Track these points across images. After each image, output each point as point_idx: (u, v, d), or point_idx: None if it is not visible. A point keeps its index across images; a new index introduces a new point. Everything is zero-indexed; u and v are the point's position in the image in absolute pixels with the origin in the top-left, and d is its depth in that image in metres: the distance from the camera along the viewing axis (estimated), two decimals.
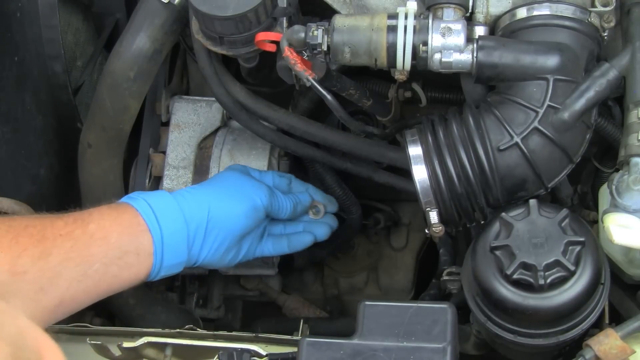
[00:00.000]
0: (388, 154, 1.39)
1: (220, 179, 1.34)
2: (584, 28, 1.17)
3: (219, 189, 1.29)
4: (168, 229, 1.18)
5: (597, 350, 1.08)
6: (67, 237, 1.09)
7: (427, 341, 1.06)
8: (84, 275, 1.09)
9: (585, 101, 1.14)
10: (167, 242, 1.18)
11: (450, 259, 1.49)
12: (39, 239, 1.07)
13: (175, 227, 1.19)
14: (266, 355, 1.16)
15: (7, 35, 1.42)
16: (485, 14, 1.22)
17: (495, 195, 1.17)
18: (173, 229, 1.19)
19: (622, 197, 1.08)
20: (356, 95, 1.36)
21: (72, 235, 1.10)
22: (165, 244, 1.18)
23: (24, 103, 1.47)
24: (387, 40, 1.15)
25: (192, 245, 1.22)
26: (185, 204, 1.22)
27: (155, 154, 1.51)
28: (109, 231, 1.13)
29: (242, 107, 1.36)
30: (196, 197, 1.25)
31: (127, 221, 1.16)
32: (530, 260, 1.07)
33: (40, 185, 1.51)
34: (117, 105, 1.36)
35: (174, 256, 1.19)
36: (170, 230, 1.18)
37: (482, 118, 1.16)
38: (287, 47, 1.16)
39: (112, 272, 1.13)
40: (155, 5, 1.32)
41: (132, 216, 1.17)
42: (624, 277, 1.26)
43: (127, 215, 1.17)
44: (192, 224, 1.22)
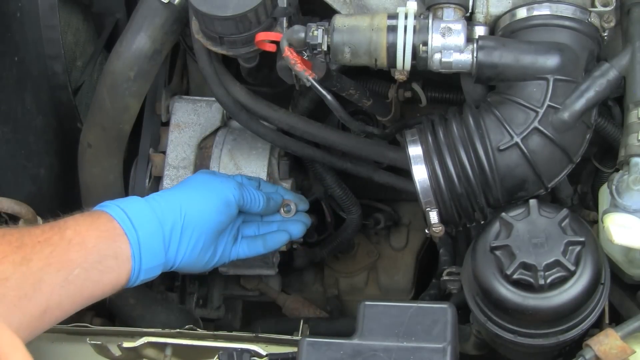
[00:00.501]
0: (388, 154, 1.39)
1: (190, 180, 1.36)
2: (584, 28, 1.17)
3: (189, 189, 1.31)
4: (144, 231, 1.19)
5: (597, 350, 1.08)
6: (46, 243, 1.10)
7: (427, 341, 1.06)
8: (65, 281, 1.09)
9: (585, 101, 1.14)
10: (144, 245, 1.18)
11: (450, 259, 1.49)
12: (18, 245, 1.07)
13: (151, 229, 1.20)
14: (266, 355, 1.16)
15: (7, 35, 1.42)
16: (485, 14, 1.22)
17: (495, 195, 1.17)
18: (148, 231, 1.20)
19: (622, 197, 1.08)
20: (356, 95, 1.36)
21: (51, 241, 1.10)
22: (142, 246, 1.18)
23: (24, 103, 1.47)
24: (387, 40, 1.15)
25: (169, 246, 1.23)
26: (158, 207, 1.23)
27: (155, 154, 1.51)
28: (86, 236, 1.14)
29: (242, 107, 1.36)
30: (168, 199, 1.26)
31: (103, 226, 1.17)
32: (530, 260, 1.07)
33: (40, 185, 1.51)
34: (117, 105, 1.36)
35: (152, 258, 1.20)
36: (146, 232, 1.19)
37: (482, 118, 1.16)
38: (287, 47, 1.16)
39: (93, 277, 1.13)
40: (155, 5, 1.32)
41: (107, 221, 1.18)
42: (624, 277, 1.26)
43: (102, 220, 1.18)
44: (166, 225, 1.22)
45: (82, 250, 1.12)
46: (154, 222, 1.21)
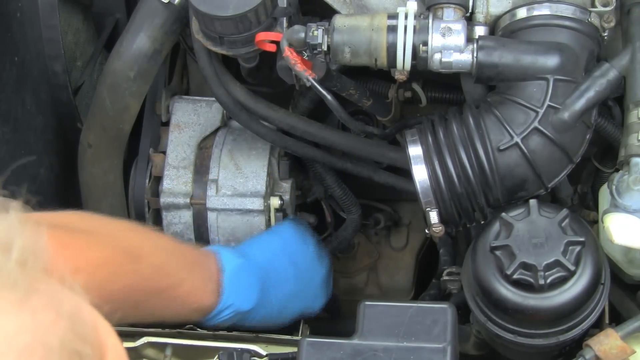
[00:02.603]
0: (388, 154, 1.39)
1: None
2: (584, 28, 1.17)
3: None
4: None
5: (597, 350, 1.08)
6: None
7: (427, 341, 1.06)
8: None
9: (585, 101, 1.14)
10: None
11: (450, 259, 1.49)
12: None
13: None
14: (266, 355, 1.16)
15: (7, 35, 1.42)
16: (485, 14, 1.22)
17: (495, 195, 1.17)
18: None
19: (622, 197, 1.08)
20: (356, 95, 1.36)
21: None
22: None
23: (24, 103, 1.47)
24: (387, 40, 1.15)
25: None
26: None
27: (155, 154, 1.50)
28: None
29: (242, 107, 1.36)
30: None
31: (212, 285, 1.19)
32: (530, 260, 1.07)
33: (40, 185, 1.51)
34: (117, 105, 1.36)
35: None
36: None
37: (482, 118, 1.16)
38: (287, 47, 1.16)
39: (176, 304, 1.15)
40: (155, 5, 1.32)
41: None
42: (624, 277, 1.26)
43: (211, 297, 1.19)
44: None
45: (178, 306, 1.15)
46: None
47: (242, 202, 1.43)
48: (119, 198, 1.47)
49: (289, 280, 1.33)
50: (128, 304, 1.05)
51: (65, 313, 0.47)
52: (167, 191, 1.45)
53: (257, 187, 1.44)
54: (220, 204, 1.43)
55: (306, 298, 1.38)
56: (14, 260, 0.47)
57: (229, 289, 1.18)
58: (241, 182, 1.44)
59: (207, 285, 1.17)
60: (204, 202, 1.44)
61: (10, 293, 0.45)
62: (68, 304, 0.48)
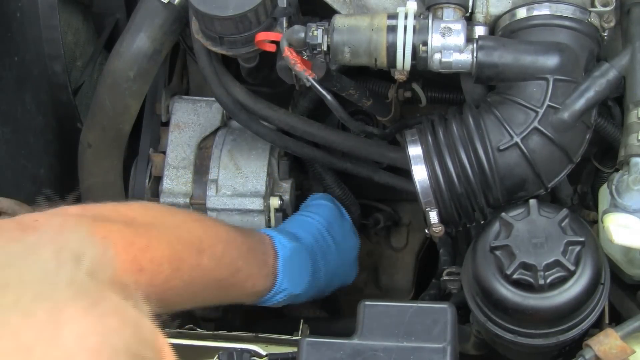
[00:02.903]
0: (388, 154, 1.39)
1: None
2: (584, 28, 1.17)
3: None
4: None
5: (597, 350, 1.08)
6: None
7: (427, 341, 1.06)
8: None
9: (585, 101, 1.13)
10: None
11: (450, 259, 1.49)
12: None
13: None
14: (266, 355, 1.16)
15: (7, 35, 1.42)
16: (485, 14, 1.22)
17: (495, 195, 1.17)
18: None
19: (622, 197, 1.08)
20: (356, 95, 1.36)
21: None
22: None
23: (24, 103, 1.47)
24: (387, 40, 1.15)
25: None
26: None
27: (155, 154, 1.51)
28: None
29: (242, 107, 1.36)
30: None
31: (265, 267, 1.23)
32: (530, 260, 1.07)
33: (40, 185, 1.51)
34: (117, 105, 1.36)
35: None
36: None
37: (482, 118, 1.16)
38: (287, 47, 1.16)
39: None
40: (155, 5, 1.32)
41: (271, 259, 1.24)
42: (624, 277, 1.26)
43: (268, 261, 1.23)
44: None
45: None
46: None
47: (242, 202, 1.43)
48: (119, 198, 1.47)
49: (333, 257, 1.39)
50: (186, 295, 1.09)
51: (129, 319, 0.52)
52: (167, 191, 1.45)
53: (257, 187, 1.44)
54: (220, 204, 1.43)
55: (345, 272, 1.45)
56: (84, 270, 0.51)
57: (283, 274, 1.23)
58: (241, 182, 1.45)
59: (262, 270, 1.21)
60: (203, 202, 1.44)
61: (81, 300, 0.50)
62: (132, 311, 0.53)
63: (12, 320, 0.47)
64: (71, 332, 0.48)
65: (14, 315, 0.47)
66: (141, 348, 0.52)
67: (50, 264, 0.51)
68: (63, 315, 0.48)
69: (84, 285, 0.51)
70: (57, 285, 0.50)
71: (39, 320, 0.47)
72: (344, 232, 1.45)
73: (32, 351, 0.46)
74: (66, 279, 0.51)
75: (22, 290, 0.48)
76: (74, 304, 0.49)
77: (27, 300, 0.48)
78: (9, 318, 0.47)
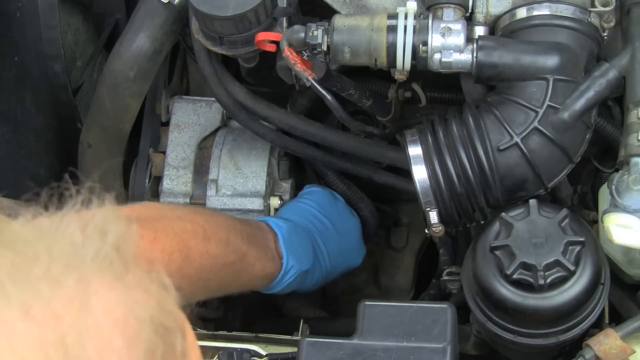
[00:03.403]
0: (388, 154, 1.39)
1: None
2: (584, 28, 1.17)
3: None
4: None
5: (597, 350, 1.08)
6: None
7: (427, 341, 1.06)
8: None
9: (585, 101, 1.13)
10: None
11: (450, 259, 1.49)
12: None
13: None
14: (266, 355, 1.16)
15: (7, 35, 1.42)
16: (485, 14, 1.22)
17: (495, 195, 1.17)
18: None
19: (622, 197, 1.08)
20: (356, 95, 1.36)
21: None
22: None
23: (24, 103, 1.47)
24: (387, 40, 1.15)
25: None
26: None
27: (155, 154, 1.51)
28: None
29: (242, 107, 1.36)
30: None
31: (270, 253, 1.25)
32: (530, 260, 1.07)
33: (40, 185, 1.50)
34: (117, 105, 1.36)
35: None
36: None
37: (482, 118, 1.16)
38: (287, 47, 1.16)
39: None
40: (155, 5, 1.32)
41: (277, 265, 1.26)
42: (624, 277, 1.26)
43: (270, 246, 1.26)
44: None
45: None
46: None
47: (242, 202, 1.43)
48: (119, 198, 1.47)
49: (332, 238, 1.40)
50: (199, 283, 1.11)
51: (152, 292, 0.54)
52: (167, 191, 1.45)
53: (257, 187, 1.44)
54: (220, 204, 1.43)
55: (350, 253, 1.46)
56: (109, 244, 0.53)
57: (287, 252, 1.25)
58: (241, 182, 1.45)
59: (267, 252, 1.23)
60: (204, 202, 1.44)
61: (107, 273, 0.52)
62: (155, 284, 0.55)
63: (42, 290, 0.48)
64: (99, 302, 0.50)
65: (44, 285, 0.48)
66: (164, 318, 0.53)
67: (77, 238, 0.53)
68: (91, 286, 0.50)
69: (110, 258, 0.53)
70: (84, 258, 0.52)
71: (69, 289, 0.49)
72: (339, 213, 1.46)
73: (63, 319, 0.48)
74: (92, 252, 0.52)
75: (52, 262, 0.50)
76: (101, 276, 0.51)
77: (57, 271, 0.50)
78: (39, 288, 0.48)
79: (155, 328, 0.52)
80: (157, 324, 0.53)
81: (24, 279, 0.48)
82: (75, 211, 0.55)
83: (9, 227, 0.53)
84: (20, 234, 0.52)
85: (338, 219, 1.44)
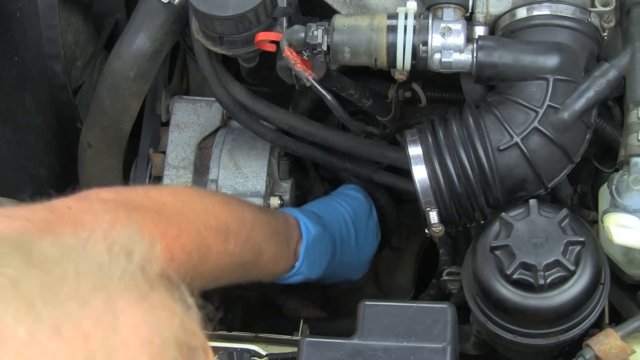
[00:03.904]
0: (388, 154, 1.39)
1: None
2: (584, 28, 1.17)
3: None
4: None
5: (597, 350, 1.08)
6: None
7: (427, 341, 1.06)
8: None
9: (585, 101, 1.13)
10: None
11: (450, 259, 1.49)
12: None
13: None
14: (266, 355, 1.16)
15: (7, 35, 1.42)
16: (485, 14, 1.22)
17: (495, 195, 1.17)
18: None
19: (622, 197, 1.08)
20: (356, 95, 1.36)
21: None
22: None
23: (24, 103, 1.47)
24: (387, 40, 1.15)
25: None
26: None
27: (155, 154, 1.51)
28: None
29: (242, 107, 1.36)
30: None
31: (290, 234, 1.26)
32: (530, 260, 1.07)
33: (40, 185, 1.51)
34: (117, 105, 1.36)
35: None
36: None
37: (482, 118, 1.16)
38: (287, 47, 1.16)
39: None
40: (155, 5, 1.32)
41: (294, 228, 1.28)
42: (624, 277, 1.26)
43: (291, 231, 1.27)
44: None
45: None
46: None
47: None
48: None
49: (350, 251, 1.41)
50: (211, 279, 1.13)
51: (176, 311, 0.55)
52: None
53: (257, 187, 1.44)
54: None
55: (357, 269, 1.48)
56: (135, 264, 0.55)
57: (303, 259, 1.26)
58: (241, 182, 1.45)
59: (284, 251, 1.24)
60: None
61: (133, 292, 0.53)
62: (178, 304, 0.56)
63: (72, 309, 0.49)
64: (125, 322, 0.51)
65: (73, 304, 0.50)
66: (187, 337, 0.55)
67: (104, 258, 0.54)
68: (117, 306, 0.51)
69: (135, 278, 0.54)
70: (111, 278, 0.53)
71: (97, 309, 0.50)
72: (368, 230, 1.46)
73: (92, 338, 0.49)
74: (119, 272, 0.53)
75: (80, 282, 0.51)
76: (127, 295, 0.53)
77: (85, 290, 0.51)
78: (69, 307, 0.49)
79: (180, 347, 0.53)
80: (181, 344, 0.54)
81: (54, 299, 0.49)
82: (102, 231, 0.56)
83: (38, 247, 0.53)
84: (49, 254, 0.53)
85: (364, 234, 1.45)
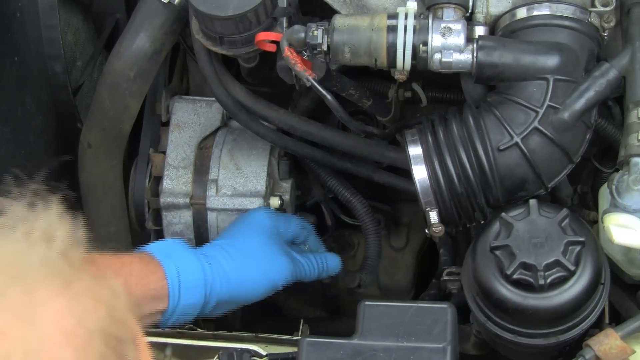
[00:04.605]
0: (388, 154, 1.39)
1: (248, 247, 1.29)
2: (584, 28, 1.17)
3: (244, 261, 1.26)
4: (186, 300, 1.16)
5: (597, 350, 1.08)
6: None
7: (427, 341, 1.06)
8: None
9: (585, 101, 1.14)
10: (179, 312, 1.16)
11: (450, 259, 1.49)
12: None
13: (194, 300, 1.17)
14: (266, 355, 1.16)
15: (7, 35, 1.42)
16: (485, 14, 1.22)
17: (495, 195, 1.17)
18: (190, 302, 1.17)
19: (622, 197, 1.09)
20: (356, 95, 1.36)
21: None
22: (177, 312, 1.16)
23: (24, 103, 1.47)
24: (387, 40, 1.15)
25: (202, 311, 1.20)
26: (210, 278, 1.19)
27: (155, 154, 1.51)
28: (133, 289, 1.10)
29: (242, 107, 1.36)
30: (221, 272, 1.22)
31: (153, 284, 1.13)
32: (530, 260, 1.07)
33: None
34: (117, 105, 1.36)
35: (185, 315, 1.17)
36: (187, 303, 1.16)
37: (482, 118, 1.16)
38: (287, 47, 1.16)
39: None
40: (155, 5, 1.32)
41: (158, 279, 1.14)
42: (624, 277, 1.26)
43: (154, 277, 1.14)
44: (211, 299, 1.20)
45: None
46: (200, 295, 1.18)
47: (242, 202, 1.43)
48: (119, 198, 1.48)
49: (250, 264, 1.27)
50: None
51: (103, 299, 0.51)
52: (167, 191, 1.45)
53: (257, 187, 1.44)
54: (220, 204, 1.43)
55: (272, 275, 1.31)
56: (56, 250, 0.51)
57: (174, 294, 1.14)
58: (241, 182, 1.45)
59: (153, 305, 1.13)
60: (204, 202, 1.44)
61: (54, 281, 0.49)
62: (105, 291, 0.52)
63: None
64: (46, 314, 0.47)
65: None
66: (115, 328, 0.51)
67: (21, 245, 0.50)
68: (37, 297, 0.48)
69: (57, 265, 0.50)
70: (30, 266, 0.49)
71: (12, 302, 0.47)
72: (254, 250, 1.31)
73: (6, 334, 0.45)
74: (38, 259, 0.50)
75: None
76: (48, 284, 0.49)
77: (0, 282, 0.47)
78: None
79: (106, 339, 0.50)
80: (108, 335, 0.50)
81: None
82: (19, 216, 0.52)
83: None
84: None
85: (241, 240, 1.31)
